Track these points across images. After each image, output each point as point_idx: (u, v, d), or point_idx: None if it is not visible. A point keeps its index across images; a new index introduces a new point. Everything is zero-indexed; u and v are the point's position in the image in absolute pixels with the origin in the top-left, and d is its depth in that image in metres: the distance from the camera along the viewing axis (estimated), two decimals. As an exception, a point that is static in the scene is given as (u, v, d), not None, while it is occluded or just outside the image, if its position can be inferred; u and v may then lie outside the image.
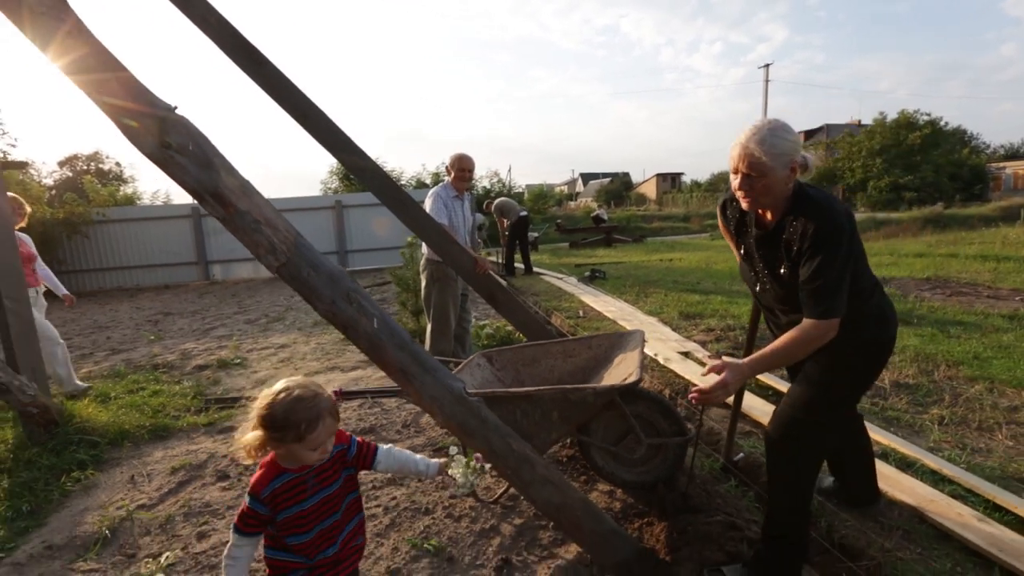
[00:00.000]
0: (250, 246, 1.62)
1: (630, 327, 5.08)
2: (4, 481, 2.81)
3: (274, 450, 1.22)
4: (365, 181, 3.15)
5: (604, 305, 6.28)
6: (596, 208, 23.89)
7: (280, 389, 1.23)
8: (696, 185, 47.09)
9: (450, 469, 1.46)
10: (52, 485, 2.78)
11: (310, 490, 1.26)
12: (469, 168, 3.78)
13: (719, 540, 1.88)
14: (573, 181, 70.13)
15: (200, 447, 3.25)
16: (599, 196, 46.01)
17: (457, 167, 3.76)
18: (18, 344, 3.15)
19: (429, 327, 3.86)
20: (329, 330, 6.34)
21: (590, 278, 8.53)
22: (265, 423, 1.19)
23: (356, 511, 1.40)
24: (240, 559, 1.25)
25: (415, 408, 3.46)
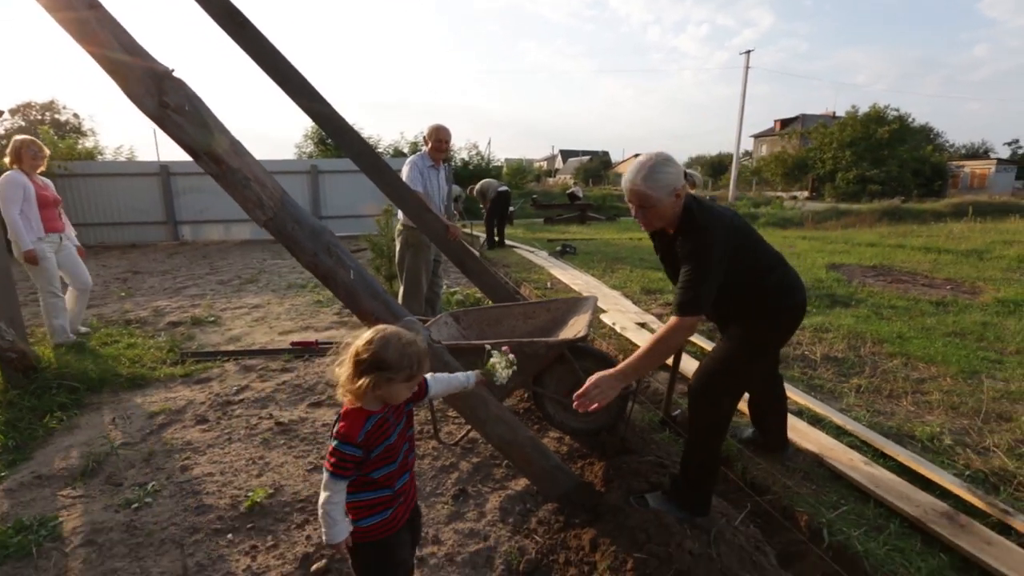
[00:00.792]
0: (240, 201, 1.80)
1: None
2: (-13, 420, 2.94)
3: (379, 390, 1.29)
4: (343, 146, 3.28)
5: (572, 278, 6.57)
6: (572, 185, 24.10)
7: (390, 333, 1.32)
8: (673, 168, 47.54)
9: (492, 364, 1.66)
10: (35, 424, 2.93)
11: (392, 425, 1.39)
12: (445, 139, 3.93)
13: (646, 474, 2.20)
14: (553, 158, 69.91)
15: (178, 395, 3.42)
16: (578, 174, 46.14)
17: (434, 138, 3.91)
18: (-4, 291, 3.23)
19: (401, 290, 4.06)
20: (303, 292, 6.46)
21: (560, 253, 8.80)
22: (381, 365, 1.27)
23: (412, 446, 1.54)
24: (339, 502, 1.33)
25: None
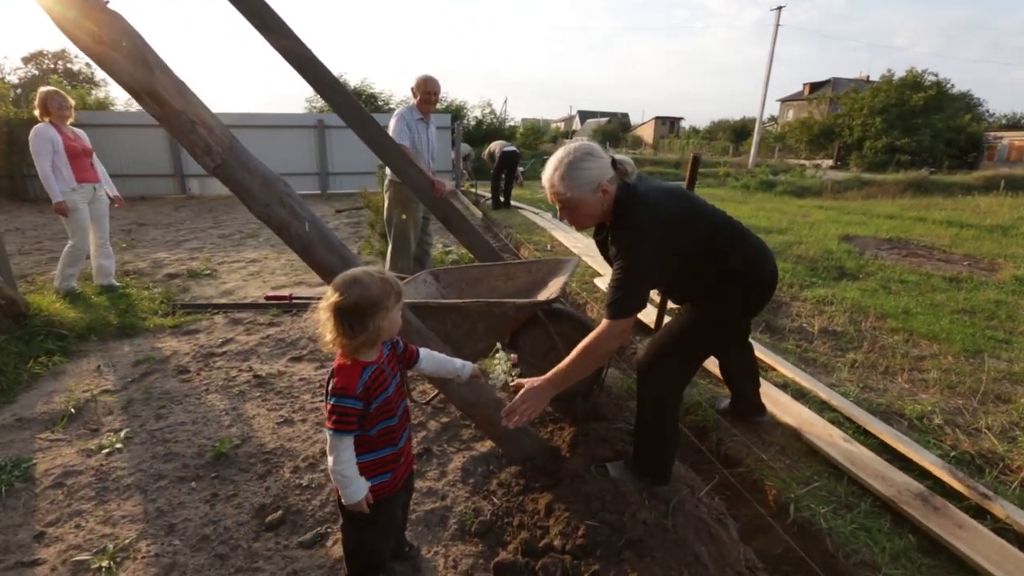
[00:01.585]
0: (187, 146, 1.71)
1: (592, 263, 5.27)
2: (-25, 363, 2.99)
3: (382, 328, 1.26)
4: (322, 94, 3.14)
5: (573, 242, 6.43)
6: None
7: (359, 272, 1.28)
8: (695, 131, 46.09)
9: (494, 364, 1.60)
10: (21, 368, 2.98)
11: (388, 376, 1.35)
12: (434, 91, 3.76)
13: (613, 441, 2.15)
14: (570, 119, 68.08)
15: (165, 345, 3.44)
16: (595, 135, 44.95)
17: (423, 89, 3.73)
18: (-19, 236, 3.22)
19: (390, 247, 3.99)
20: (302, 249, 6.43)
21: None
22: (373, 303, 1.23)
23: (405, 399, 1.51)
24: (350, 460, 1.28)
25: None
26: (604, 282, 4.60)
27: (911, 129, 25.60)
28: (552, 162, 1.70)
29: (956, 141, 26.49)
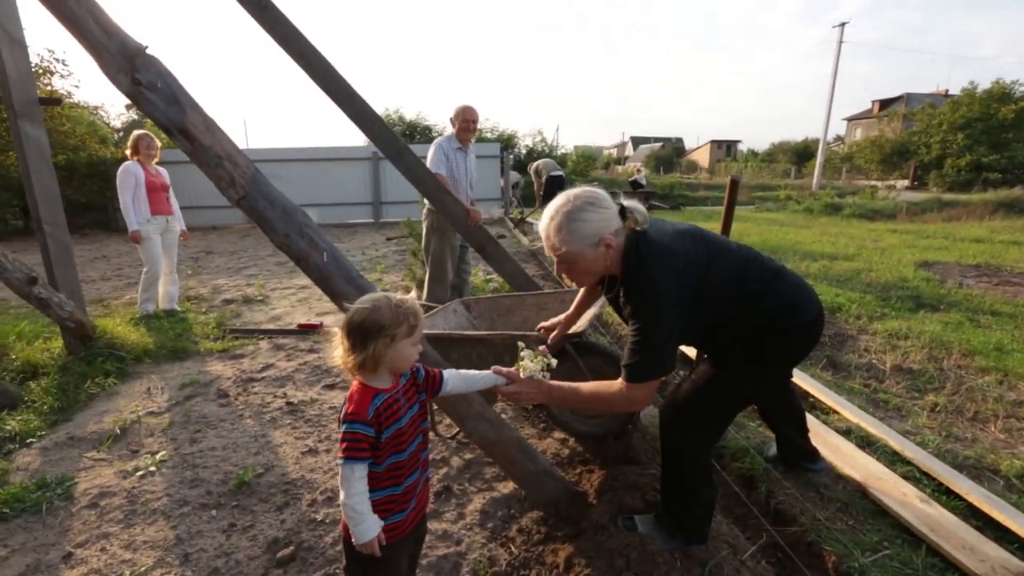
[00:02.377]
0: (213, 179, 1.76)
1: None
2: (44, 382, 3.22)
3: (385, 355, 1.21)
4: (363, 127, 3.23)
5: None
6: (635, 172, 23.19)
7: (379, 296, 1.26)
8: (753, 154, 44.57)
9: (522, 363, 1.49)
10: (80, 389, 3.17)
11: (403, 407, 1.29)
12: (473, 119, 3.79)
13: (644, 489, 1.96)
14: (623, 144, 67.85)
15: (211, 369, 3.58)
16: (648, 161, 44.44)
17: (461, 118, 3.77)
18: (56, 265, 3.51)
19: (427, 275, 4.00)
20: (350, 276, 6.62)
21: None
22: (378, 326, 1.20)
23: (425, 442, 1.39)
24: (362, 492, 1.21)
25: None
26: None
27: (999, 145, 23.45)
28: (549, 211, 1.51)
29: (1055, 157, 23.96)
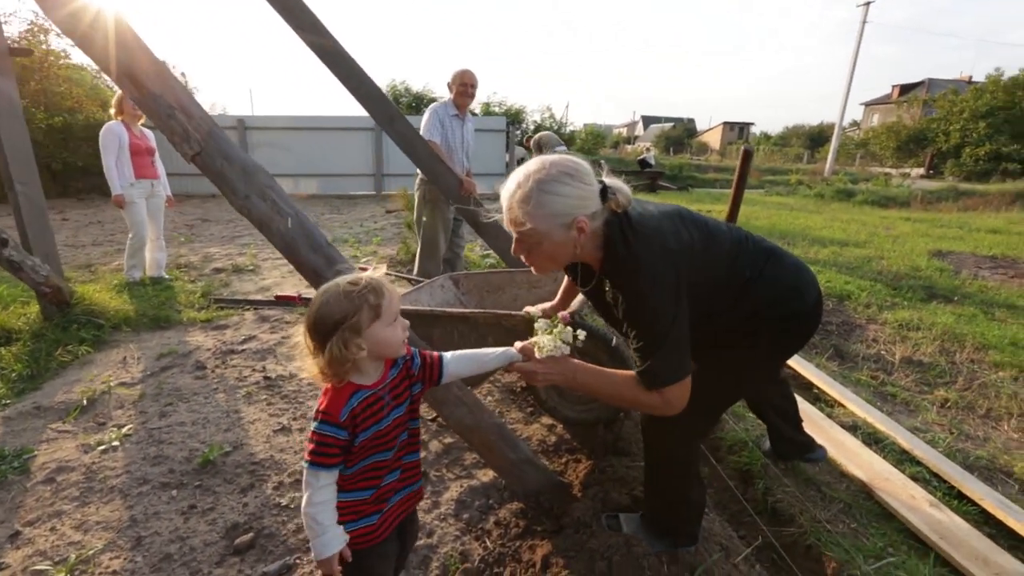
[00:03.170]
0: (165, 132, 1.58)
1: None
2: (15, 348, 3.10)
3: (354, 347, 1.02)
4: (352, 90, 3.02)
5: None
6: (643, 151, 22.69)
7: (327, 285, 1.07)
8: (765, 137, 43.64)
9: (538, 337, 1.30)
10: (52, 357, 3.04)
11: (387, 405, 1.12)
12: (471, 83, 3.55)
13: (632, 484, 1.83)
14: (634, 124, 66.62)
15: (191, 339, 3.45)
16: (658, 141, 43.65)
17: (459, 82, 3.54)
18: (30, 227, 3.35)
19: (419, 247, 3.82)
20: (343, 247, 6.45)
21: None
22: (334, 320, 1.02)
23: (416, 443, 1.23)
24: (326, 502, 1.07)
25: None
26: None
27: (1021, 135, 22.76)
28: (517, 176, 1.23)
29: (1078, 148, 23.25)
